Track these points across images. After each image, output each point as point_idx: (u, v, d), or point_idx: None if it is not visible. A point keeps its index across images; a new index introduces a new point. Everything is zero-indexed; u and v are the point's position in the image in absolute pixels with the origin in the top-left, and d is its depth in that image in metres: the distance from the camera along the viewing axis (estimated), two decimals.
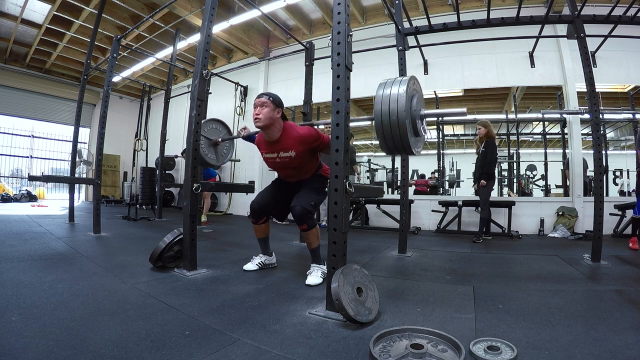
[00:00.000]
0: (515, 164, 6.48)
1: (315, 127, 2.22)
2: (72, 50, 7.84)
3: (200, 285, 1.89)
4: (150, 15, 4.36)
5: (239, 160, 7.29)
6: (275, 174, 2.47)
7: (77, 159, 5.38)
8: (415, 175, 8.57)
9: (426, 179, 7.83)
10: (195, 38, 6.67)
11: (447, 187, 7.60)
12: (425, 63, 5.53)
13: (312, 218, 2.08)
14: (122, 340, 1.15)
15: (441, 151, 6.75)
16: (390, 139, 1.53)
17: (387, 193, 7.20)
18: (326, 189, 2.12)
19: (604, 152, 4.60)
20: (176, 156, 7.68)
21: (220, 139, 2.71)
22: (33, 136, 9.12)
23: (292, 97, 6.60)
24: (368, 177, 8.83)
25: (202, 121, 2.45)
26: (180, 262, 2.21)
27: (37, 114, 9.02)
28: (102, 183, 6.01)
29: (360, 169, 5.40)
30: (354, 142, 8.12)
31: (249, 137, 2.44)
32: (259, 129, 2.15)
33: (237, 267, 2.34)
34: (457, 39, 3.89)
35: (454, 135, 9.02)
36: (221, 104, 7.67)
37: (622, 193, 6.19)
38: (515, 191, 6.44)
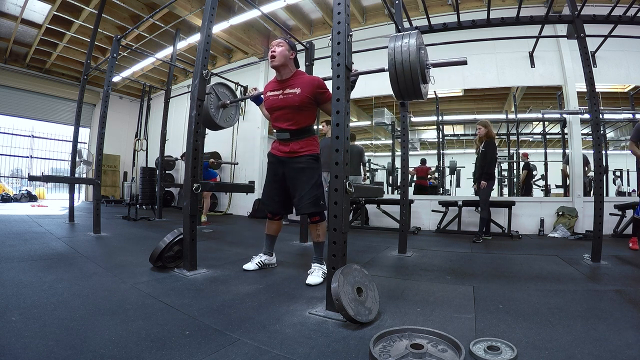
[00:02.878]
0: (515, 164, 6.48)
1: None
2: (72, 50, 7.84)
3: (200, 285, 1.89)
4: (150, 15, 4.36)
5: (237, 164, 7.30)
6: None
7: (77, 159, 5.38)
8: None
9: (427, 165, 7.68)
10: (195, 38, 6.67)
11: (447, 173, 7.50)
12: None
13: (323, 212, 2.15)
14: (122, 340, 1.15)
15: (441, 151, 6.75)
16: (404, 83, 1.68)
17: (387, 193, 7.20)
18: (321, 178, 2.18)
19: (604, 152, 4.59)
20: (176, 159, 7.70)
21: (228, 102, 2.76)
22: (33, 136, 9.12)
23: None
24: (368, 177, 8.82)
25: (213, 84, 2.54)
26: (180, 262, 2.21)
27: (37, 114, 9.02)
28: (102, 183, 6.00)
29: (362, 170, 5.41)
30: (362, 143, 8.10)
31: (257, 98, 2.48)
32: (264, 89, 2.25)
33: (237, 267, 2.33)
34: (457, 39, 3.89)
35: (454, 135, 9.01)
36: None
37: (619, 193, 6.18)
38: (515, 191, 6.42)
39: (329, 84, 1.74)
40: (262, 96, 2.41)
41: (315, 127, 2.55)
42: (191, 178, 2.15)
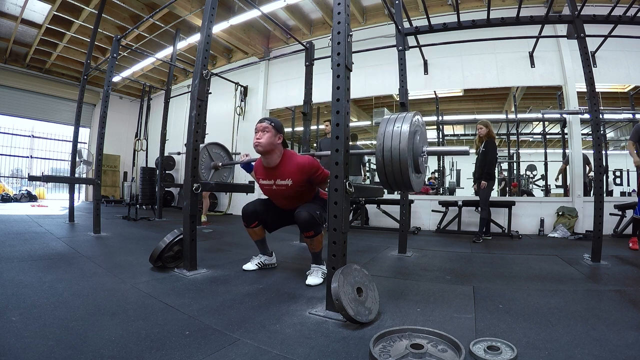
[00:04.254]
0: (515, 164, 6.48)
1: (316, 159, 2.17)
2: (72, 50, 7.84)
3: (200, 285, 1.89)
4: (150, 15, 4.36)
5: (239, 153, 7.27)
6: None
7: (77, 159, 5.38)
8: None
9: (427, 185, 7.72)
10: (195, 38, 6.68)
11: (447, 186, 7.58)
12: (425, 63, 5.53)
13: (319, 225, 2.03)
14: (122, 340, 1.15)
15: None
16: (391, 174, 1.52)
17: (387, 193, 7.20)
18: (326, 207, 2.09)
19: (604, 152, 4.59)
20: (178, 153, 7.69)
21: (220, 164, 2.73)
22: (33, 136, 9.12)
23: (292, 97, 6.60)
24: (368, 177, 8.82)
25: (207, 144, 2.47)
26: (180, 262, 2.21)
27: (37, 114, 9.01)
28: (102, 183, 6.01)
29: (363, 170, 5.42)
30: (362, 143, 8.12)
31: (247, 166, 2.38)
32: (257, 157, 2.16)
33: (237, 267, 2.34)
34: (457, 39, 3.89)
35: (454, 135, 9.02)
36: (221, 104, 7.68)
37: (609, 193, 6.15)
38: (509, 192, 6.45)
39: (328, 84, 1.66)
40: (252, 163, 2.34)
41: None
42: (191, 178, 2.15)
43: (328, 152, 1.55)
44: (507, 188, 6.60)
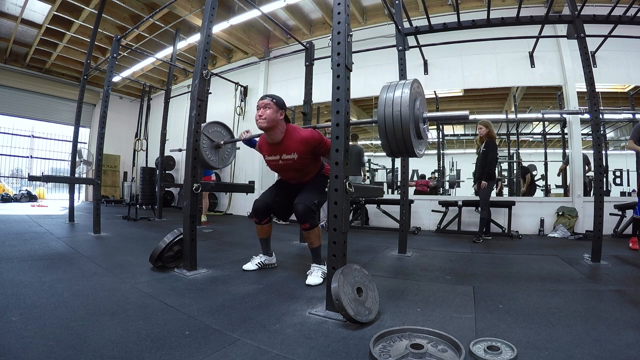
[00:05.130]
0: (515, 164, 6.48)
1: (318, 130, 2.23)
2: (72, 50, 7.84)
3: (200, 285, 1.89)
4: (150, 15, 4.36)
5: (239, 148, 7.26)
6: (277, 175, 2.47)
7: (77, 159, 5.38)
8: (415, 175, 8.56)
9: (426, 179, 7.81)
10: (195, 38, 6.67)
11: (447, 187, 7.59)
12: (425, 63, 5.53)
13: (315, 217, 2.09)
14: (122, 340, 1.15)
15: (441, 151, 6.75)
16: (394, 141, 1.53)
17: (387, 193, 7.20)
18: (326, 189, 2.14)
19: (604, 152, 4.59)
20: (180, 149, 7.67)
21: (222, 142, 2.72)
22: (33, 136, 9.12)
23: (292, 97, 6.58)
24: (368, 177, 8.83)
25: (205, 123, 2.45)
26: (180, 262, 2.21)
27: (37, 114, 9.01)
28: (102, 183, 6.01)
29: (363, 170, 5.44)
30: (362, 143, 8.13)
31: (250, 142, 2.44)
32: (260, 133, 2.18)
33: (237, 267, 2.33)
34: (457, 39, 3.89)
35: (454, 135, 9.01)
36: (221, 104, 7.67)
37: (606, 193, 6.11)
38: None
39: (328, 84, 1.67)
40: (255, 139, 2.39)
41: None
42: (191, 178, 2.15)
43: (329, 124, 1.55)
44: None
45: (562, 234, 4.52)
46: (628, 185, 6.19)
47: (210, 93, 6.33)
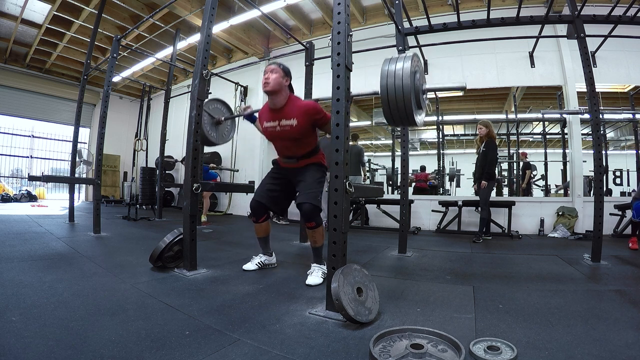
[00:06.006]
0: (515, 164, 6.48)
1: None
2: (72, 50, 7.84)
3: (200, 285, 1.89)
4: (150, 15, 4.36)
5: (237, 170, 7.29)
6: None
7: (77, 159, 5.38)
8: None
9: (426, 172, 7.74)
10: (195, 38, 6.67)
11: (447, 180, 7.55)
12: (425, 63, 5.53)
13: (320, 216, 2.11)
14: (122, 340, 1.15)
15: (441, 151, 6.76)
16: (396, 110, 1.60)
17: (387, 193, 7.20)
18: (325, 178, 2.16)
19: (604, 152, 4.59)
20: (177, 161, 7.71)
21: (223, 118, 2.74)
22: (33, 136, 9.12)
23: None
24: (368, 177, 8.83)
25: (206, 100, 2.48)
26: (180, 262, 2.21)
27: (37, 114, 9.02)
28: (102, 183, 6.00)
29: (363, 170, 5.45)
30: (362, 143, 8.12)
31: (251, 117, 2.45)
32: (259, 109, 2.22)
33: (237, 267, 2.33)
34: (457, 39, 3.89)
35: (454, 135, 9.01)
36: None
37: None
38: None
39: (328, 84, 1.70)
40: (255, 114, 2.39)
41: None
42: (191, 178, 2.15)
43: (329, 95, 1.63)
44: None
45: (562, 234, 4.52)
46: (628, 185, 6.19)
47: (210, 93, 6.31)
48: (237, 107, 7.41)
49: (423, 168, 7.83)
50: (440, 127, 6.90)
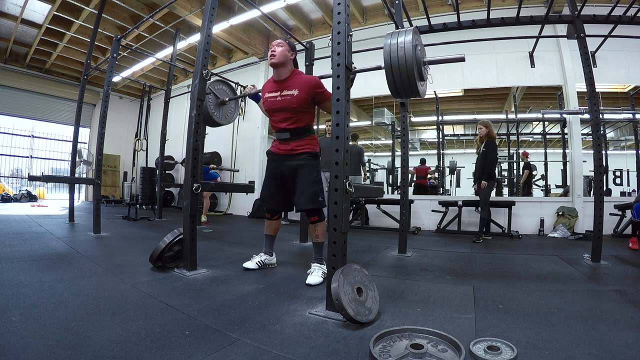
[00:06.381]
0: (515, 164, 6.48)
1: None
2: (72, 50, 7.84)
3: (200, 285, 1.89)
4: (150, 15, 4.36)
5: (238, 170, 7.29)
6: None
7: (77, 159, 5.38)
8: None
9: (427, 165, 7.68)
10: (195, 38, 6.67)
11: (447, 173, 7.51)
12: None
13: (322, 211, 2.17)
14: (122, 340, 1.15)
15: (441, 151, 6.75)
16: (400, 81, 1.65)
17: (387, 193, 7.20)
18: (320, 175, 2.21)
19: (604, 152, 4.59)
20: (177, 162, 7.71)
21: (227, 99, 2.79)
22: (33, 136, 9.12)
23: None
24: (368, 177, 8.82)
25: (211, 80, 2.52)
26: (180, 262, 2.21)
27: (37, 114, 9.02)
28: (102, 183, 6.00)
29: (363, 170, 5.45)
30: (362, 143, 8.11)
31: (255, 96, 2.49)
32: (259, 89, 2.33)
33: (237, 267, 2.33)
34: (457, 39, 3.88)
35: (454, 135, 9.01)
36: None
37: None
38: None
39: (329, 84, 1.74)
40: (259, 94, 2.42)
41: (315, 126, 2.54)
42: (191, 178, 2.15)
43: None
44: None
45: (562, 234, 4.52)
46: (628, 185, 6.19)
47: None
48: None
49: (423, 161, 7.73)
50: (440, 127, 6.90)
